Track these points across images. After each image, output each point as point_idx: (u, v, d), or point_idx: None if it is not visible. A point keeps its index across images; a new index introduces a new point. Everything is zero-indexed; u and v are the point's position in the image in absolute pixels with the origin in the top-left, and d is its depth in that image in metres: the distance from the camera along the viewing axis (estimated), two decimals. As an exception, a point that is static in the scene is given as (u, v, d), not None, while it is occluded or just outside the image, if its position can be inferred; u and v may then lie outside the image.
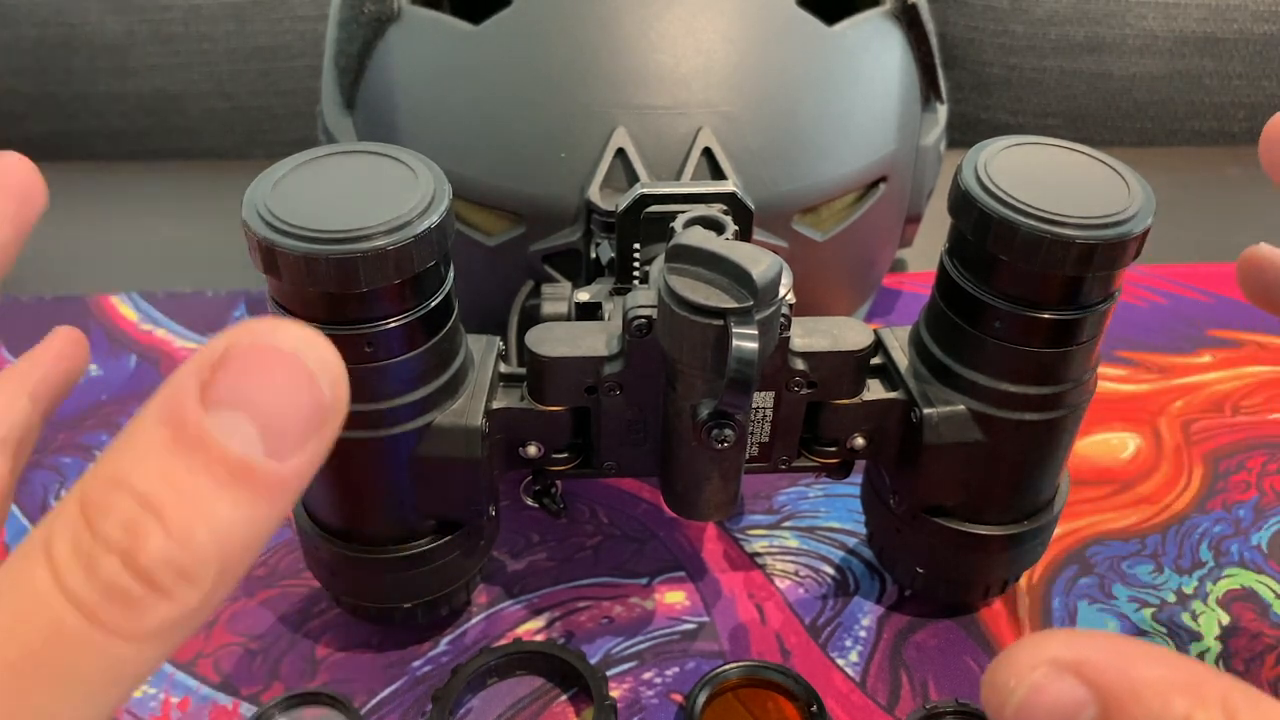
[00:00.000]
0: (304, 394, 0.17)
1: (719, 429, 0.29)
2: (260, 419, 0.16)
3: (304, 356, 0.17)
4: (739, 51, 0.40)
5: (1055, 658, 0.20)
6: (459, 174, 0.37)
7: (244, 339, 0.16)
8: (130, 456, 0.16)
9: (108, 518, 0.15)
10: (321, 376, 0.17)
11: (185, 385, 0.16)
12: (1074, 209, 0.29)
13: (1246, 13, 0.74)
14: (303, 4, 0.74)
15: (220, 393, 0.16)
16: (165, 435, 0.16)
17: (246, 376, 0.16)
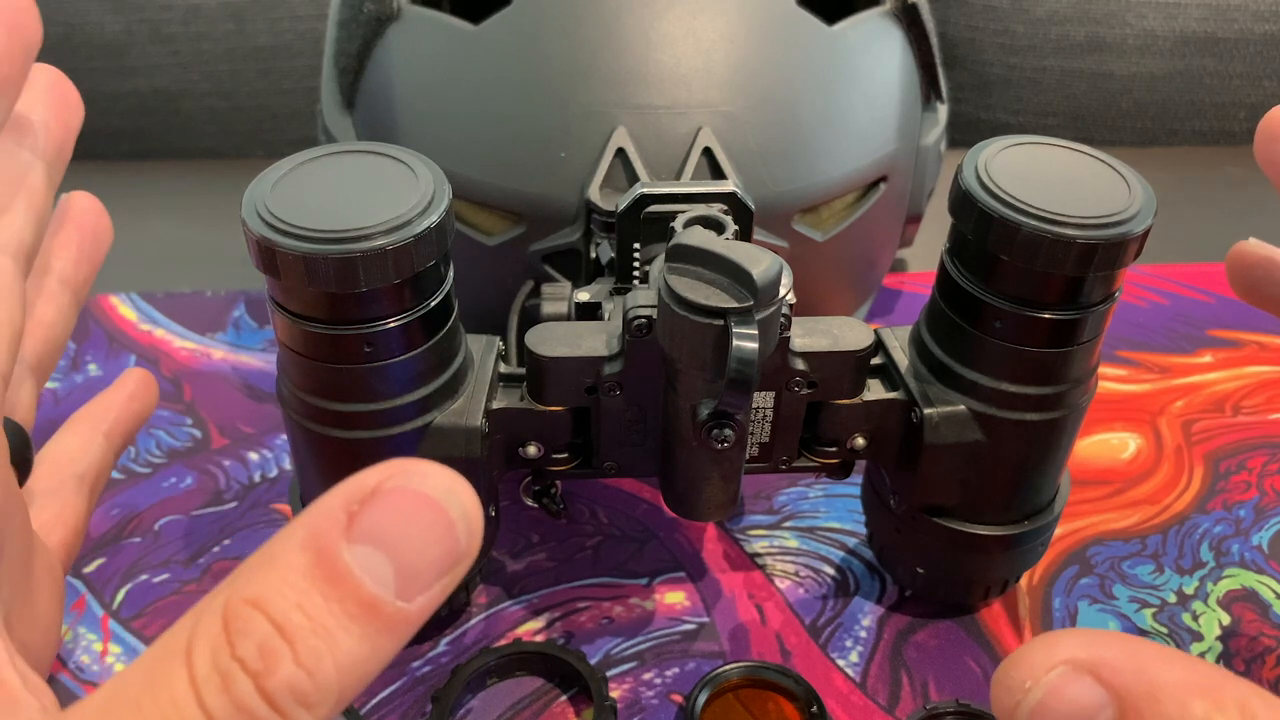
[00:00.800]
0: (442, 540, 0.17)
1: (719, 429, 0.29)
2: (397, 559, 0.17)
3: (448, 505, 0.17)
4: (739, 51, 0.40)
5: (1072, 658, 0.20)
6: (459, 174, 0.37)
7: (395, 479, 0.17)
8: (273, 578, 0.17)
9: (246, 639, 0.16)
10: (460, 525, 0.17)
11: (333, 514, 0.17)
12: (1074, 209, 0.29)
13: (1246, 13, 0.74)
14: (303, 4, 0.74)
15: (365, 528, 0.17)
16: (307, 561, 0.17)
17: (392, 516, 0.17)
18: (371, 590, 0.17)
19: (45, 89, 0.28)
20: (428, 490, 0.17)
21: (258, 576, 0.17)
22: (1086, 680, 0.20)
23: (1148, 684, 0.20)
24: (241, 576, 0.17)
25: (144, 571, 0.40)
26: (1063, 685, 0.20)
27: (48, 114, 0.28)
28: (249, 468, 0.45)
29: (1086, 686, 0.20)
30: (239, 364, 0.50)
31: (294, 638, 0.16)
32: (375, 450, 0.31)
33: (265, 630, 0.16)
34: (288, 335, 0.29)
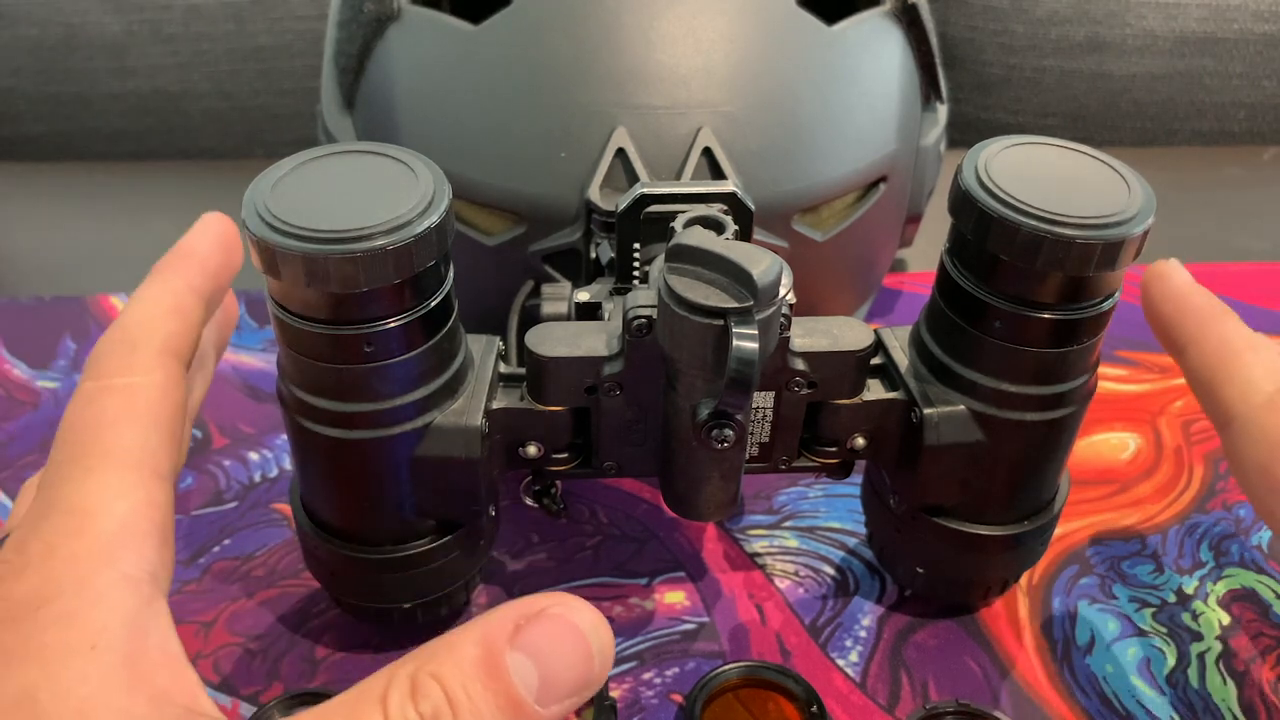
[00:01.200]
0: (580, 666, 0.22)
1: (719, 429, 0.29)
2: (544, 672, 0.21)
3: (591, 640, 0.22)
4: (739, 51, 0.40)
5: None
6: (459, 174, 0.37)
7: (557, 608, 0.22)
8: (450, 661, 0.21)
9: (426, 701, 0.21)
10: (597, 658, 0.22)
11: (505, 624, 0.22)
12: (1074, 209, 0.29)
13: (1246, 13, 0.74)
14: (303, 4, 0.74)
15: (526, 641, 0.21)
16: (478, 655, 0.21)
17: (548, 638, 0.22)
18: (519, 691, 0.21)
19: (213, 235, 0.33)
20: (579, 623, 0.22)
21: (441, 655, 0.21)
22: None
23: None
24: (429, 652, 0.22)
25: (144, 571, 0.40)
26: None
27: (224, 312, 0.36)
28: (249, 468, 0.45)
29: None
30: (239, 364, 0.50)
31: (457, 709, 0.21)
32: (375, 450, 0.31)
33: (440, 698, 0.21)
34: (288, 335, 0.29)
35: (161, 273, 0.31)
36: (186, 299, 0.31)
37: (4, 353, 0.51)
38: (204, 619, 0.38)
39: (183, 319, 0.30)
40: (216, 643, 0.37)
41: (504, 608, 0.22)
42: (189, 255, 0.32)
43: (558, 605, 0.22)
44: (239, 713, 0.35)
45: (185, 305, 0.30)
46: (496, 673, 0.21)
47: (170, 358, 0.29)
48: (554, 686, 0.21)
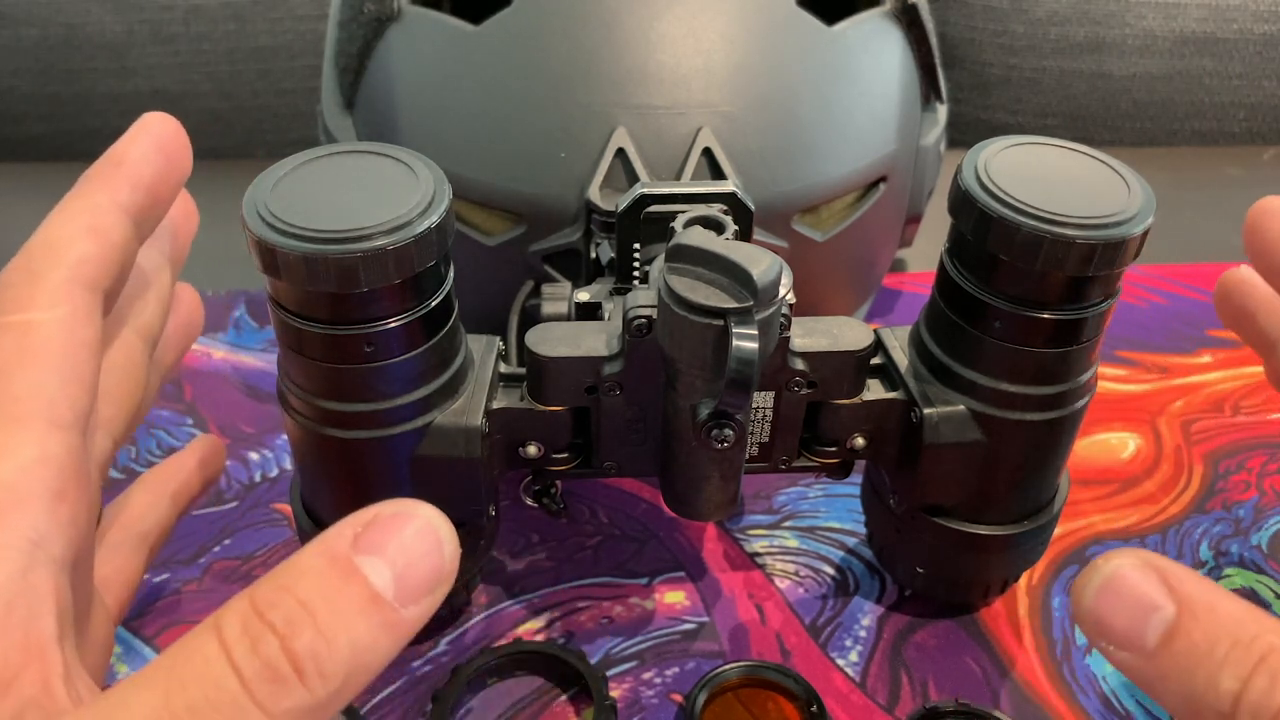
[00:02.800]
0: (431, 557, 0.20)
1: (719, 429, 0.29)
2: (396, 568, 0.20)
3: (437, 528, 0.21)
4: (739, 51, 0.40)
5: (1145, 559, 0.22)
6: (459, 174, 0.37)
7: (389, 508, 0.21)
8: (295, 573, 0.20)
9: (274, 610, 0.19)
10: (447, 546, 0.21)
11: (342, 532, 0.20)
12: (1074, 209, 0.29)
13: (1246, 13, 0.74)
14: (303, 4, 0.74)
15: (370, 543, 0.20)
16: (324, 563, 0.20)
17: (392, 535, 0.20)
18: (377, 585, 0.20)
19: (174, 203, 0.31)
20: (420, 515, 0.21)
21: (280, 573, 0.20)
22: (1154, 579, 0.21)
23: (1210, 601, 0.21)
24: (264, 578, 0.20)
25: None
26: (1131, 572, 0.22)
27: (175, 222, 0.32)
28: (249, 467, 0.45)
29: (1153, 583, 0.21)
30: (239, 364, 0.50)
31: (315, 614, 0.19)
32: (376, 450, 0.31)
33: (291, 605, 0.19)
34: (288, 335, 0.29)
35: (83, 186, 0.27)
36: (108, 217, 0.26)
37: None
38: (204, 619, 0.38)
39: (101, 241, 0.26)
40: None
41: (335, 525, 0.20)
42: (116, 165, 0.27)
43: (392, 504, 0.21)
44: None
45: (105, 225, 0.26)
46: (349, 573, 0.20)
47: (79, 288, 0.25)
48: (410, 583, 0.20)
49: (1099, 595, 0.22)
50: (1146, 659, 0.21)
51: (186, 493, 0.35)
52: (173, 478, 0.35)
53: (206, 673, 0.19)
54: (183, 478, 0.35)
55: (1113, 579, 0.22)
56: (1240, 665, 0.20)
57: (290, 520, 0.41)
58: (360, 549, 0.20)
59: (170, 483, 0.35)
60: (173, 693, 0.19)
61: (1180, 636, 0.21)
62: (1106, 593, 0.21)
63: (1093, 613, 0.22)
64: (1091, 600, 0.22)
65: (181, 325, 0.35)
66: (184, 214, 0.33)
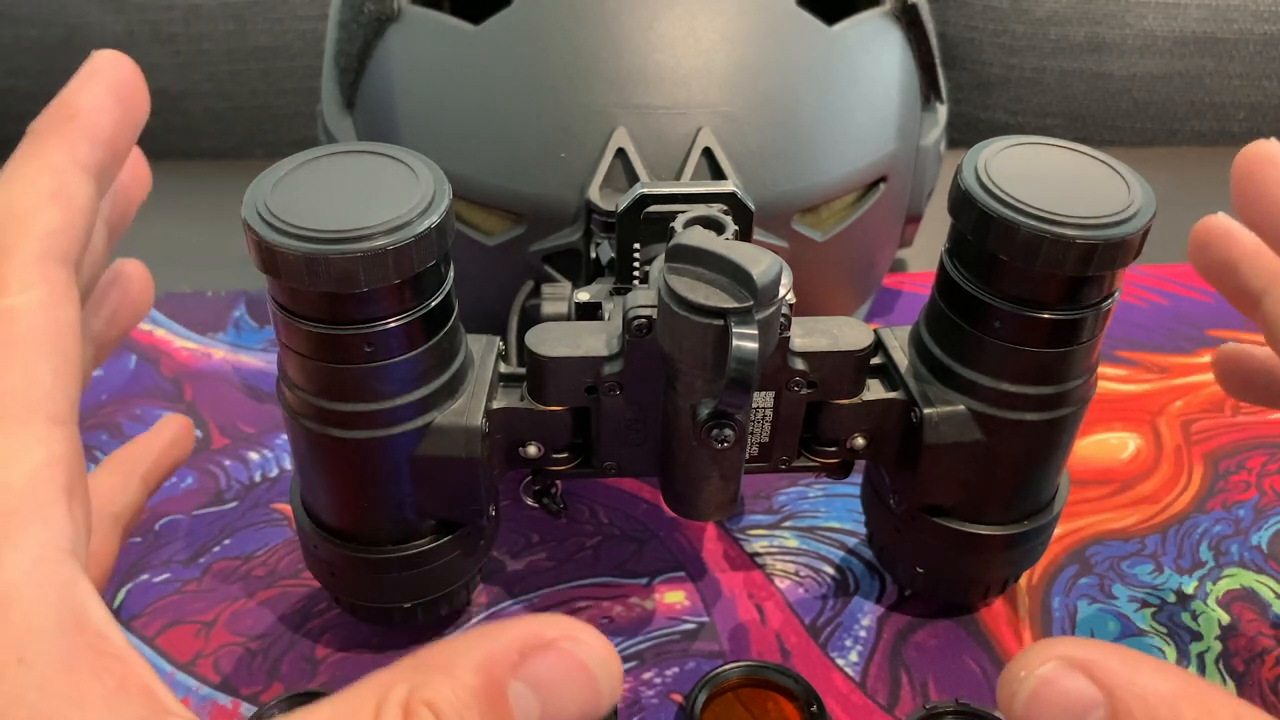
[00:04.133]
0: (586, 706, 0.20)
1: (719, 429, 0.29)
2: (546, 708, 0.20)
3: (600, 677, 0.20)
4: (739, 51, 0.40)
5: (1065, 655, 0.21)
6: (459, 174, 0.37)
7: (568, 643, 0.20)
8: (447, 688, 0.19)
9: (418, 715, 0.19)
10: (606, 694, 0.20)
11: (509, 651, 0.20)
12: (1074, 209, 0.29)
13: (1246, 13, 0.74)
14: (303, 4, 0.74)
15: (531, 672, 0.20)
16: (479, 683, 0.19)
17: (554, 672, 0.20)
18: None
19: None
20: (589, 660, 0.20)
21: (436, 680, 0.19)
22: (1079, 676, 0.20)
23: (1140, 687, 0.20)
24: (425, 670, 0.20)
25: (144, 571, 0.40)
26: (1056, 677, 0.21)
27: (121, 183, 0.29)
28: (249, 467, 0.45)
29: (1079, 681, 0.20)
30: (239, 364, 0.50)
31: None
32: (375, 450, 0.31)
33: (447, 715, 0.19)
34: (288, 335, 0.29)
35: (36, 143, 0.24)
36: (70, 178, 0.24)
37: (4, 353, 0.51)
38: (204, 619, 0.38)
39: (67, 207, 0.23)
40: (217, 643, 0.37)
41: (509, 629, 0.20)
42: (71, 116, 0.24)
43: (568, 639, 0.20)
44: (239, 713, 0.35)
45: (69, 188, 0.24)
46: (497, 704, 0.19)
47: (53, 263, 0.23)
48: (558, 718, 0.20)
49: (1029, 706, 0.21)
50: None
51: (156, 473, 0.35)
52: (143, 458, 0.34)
53: None
54: (152, 458, 0.34)
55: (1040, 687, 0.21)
56: None
57: (290, 520, 0.41)
58: (520, 675, 0.20)
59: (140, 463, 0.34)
60: None
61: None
62: (1036, 702, 0.21)
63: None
64: (1023, 711, 0.21)
65: (129, 303, 0.32)
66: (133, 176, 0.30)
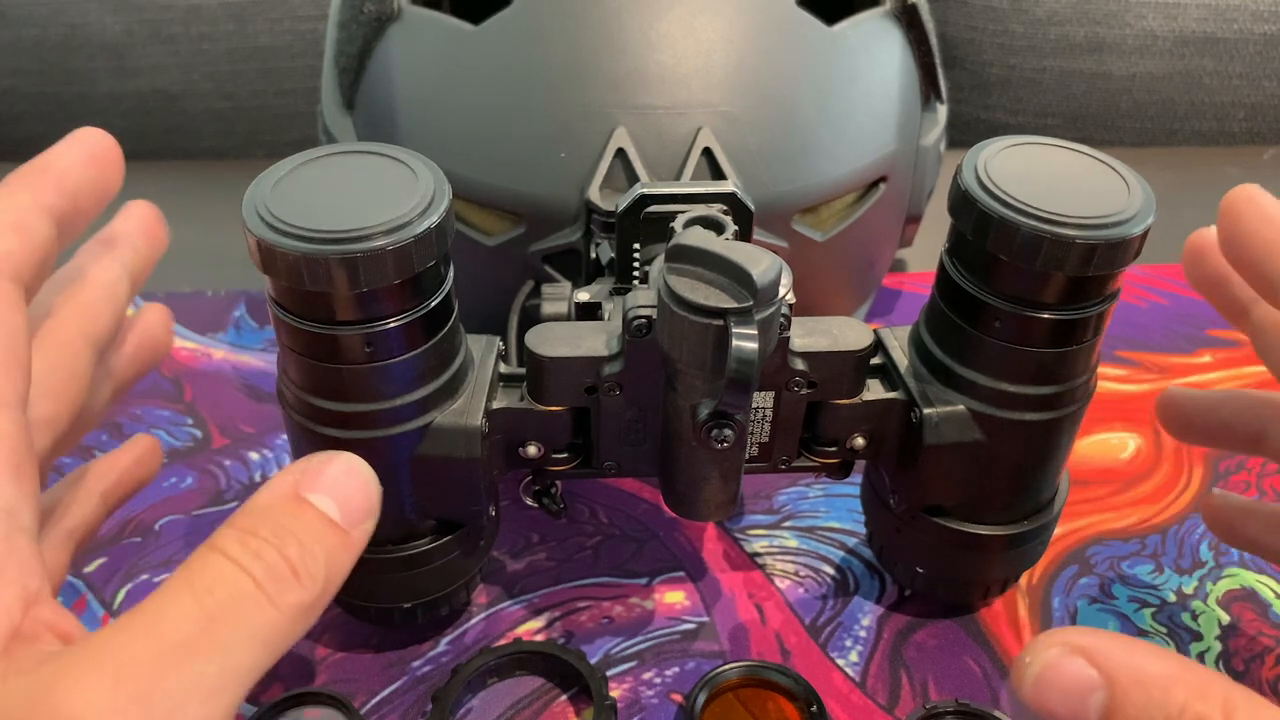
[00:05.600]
0: (364, 488, 0.25)
1: (719, 429, 0.29)
2: (336, 499, 0.24)
3: (358, 466, 0.25)
4: (739, 51, 0.40)
5: (1067, 641, 0.23)
6: (459, 174, 0.37)
7: (319, 457, 0.25)
8: (261, 508, 0.24)
9: (260, 530, 0.23)
10: (371, 481, 0.25)
11: (284, 479, 0.24)
12: (1074, 209, 0.29)
13: (1246, 13, 0.74)
14: (303, 4, 0.74)
15: (309, 484, 0.24)
16: (280, 499, 0.24)
17: (322, 475, 0.24)
18: (328, 512, 0.24)
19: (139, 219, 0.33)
20: (347, 459, 0.25)
21: (249, 509, 0.24)
22: (1081, 661, 0.23)
23: (1137, 671, 0.22)
24: (235, 515, 0.24)
25: (144, 571, 0.40)
26: (1058, 662, 0.23)
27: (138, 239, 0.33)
28: (249, 467, 0.45)
29: (1080, 666, 0.23)
30: (239, 364, 0.50)
31: (292, 530, 0.23)
32: (375, 450, 0.31)
33: (273, 526, 0.23)
34: (288, 335, 0.29)
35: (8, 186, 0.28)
36: (31, 216, 0.27)
37: (4, 353, 0.51)
38: None
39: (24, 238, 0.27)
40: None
41: (277, 474, 0.25)
42: (44, 170, 0.29)
43: (318, 456, 0.25)
44: (239, 713, 0.35)
45: (29, 222, 0.27)
46: (304, 504, 0.24)
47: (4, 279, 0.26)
48: (353, 509, 0.24)
49: (1036, 689, 0.23)
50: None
51: (116, 492, 0.35)
52: (105, 476, 0.34)
53: (223, 579, 0.22)
54: (114, 477, 0.35)
55: (1045, 670, 0.23)
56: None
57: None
58: (304, 488, 0.24)
59: (102, 480, 0.34)
60: (200, 597, 0.22)
61: (1117, 715, 0.22)
62: (1041, 685, 0.23)
63: (1033, 704, 0.23)
64: (1030, 693, 0.23)
65: (146, 345, 0.35)
66: (152, 232, 0.34)
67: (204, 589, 0.22)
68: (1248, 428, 0.36)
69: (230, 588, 0.22)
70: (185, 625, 0.21)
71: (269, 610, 0.22)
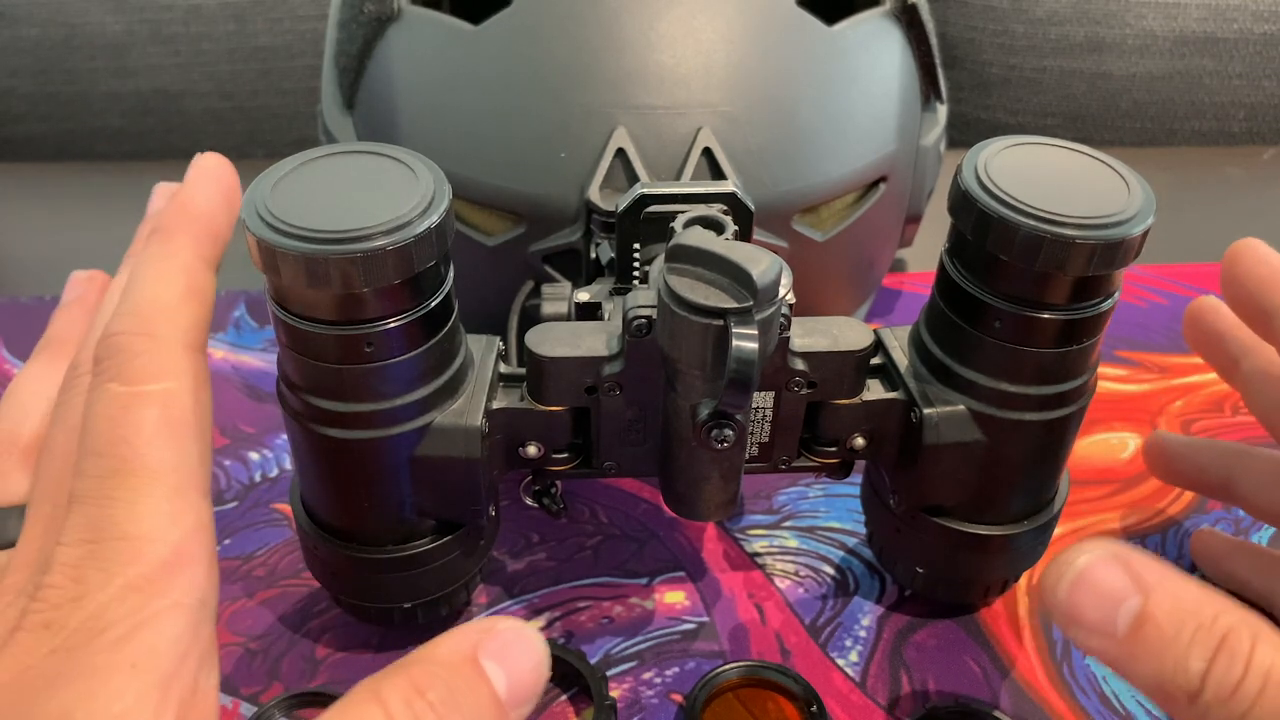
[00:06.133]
0: (536, 671, 0.24)
1: (719, 429, 0.29)
2: (509, 676, 0.24)
3: (539, 646, 0.25)
4: (739, 51, 0.40)
5: (1109, 549, 0.23)
6: (459, 174, 0.37)
7: (505, 623, 0.25)
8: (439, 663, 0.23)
9: (431, 691, 0.23)
10: (544, 664, 0.25)
11: (468, 636, 0.24)
12: (1074, 209, 0.29)
13: (1246, 13, 0.74)
14: (303, 4, 0.74)
15: (490, 650, 0.24)
16: (460, 660, 0.24)
17: (508, 647, 0.24)
18: (498, 689, 0.24)
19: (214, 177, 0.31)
20: (528, 635, 0.25)
21: (428, 659, 0.24)
22: (1118, 568, 0.23)
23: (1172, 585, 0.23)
24: (413, 659, 0.24)
25: (144, 571, 0.40)
26: (1099, 566, 0.23)
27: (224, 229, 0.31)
28: (249, 467, 0.45)
29: (1117, 573, 0.23)
30: (239, 364, 0.50)
31: (462, 702, 0.23)
32: (375, 450, 0.31)
33: (447, 688, 0.23)
34: (288, 335, 0.29)
35: (168, 242, 0.27)
36: (200, 276, 0.27)
37: (4, 352, 0.51)
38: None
39: (200, 303, 0.27)
40: (217, 642, 0.37)
41: (456, 630, 0.24)
42: (195, 218, 0.28)
43: (504, 622, 0.25)
44: (239, 713, 0.35)
45: (200, 285, 0.27)
46: (479, 673, 0.23)
47: (195, 353, 0.27)
48: (519, 689, 0.24)
49: (1071, 590, 0.23)
50: (1118, 645, 0.23)
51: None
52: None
53: None
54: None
55: (1083, 574, 0.23)
56: (1204, 646, 0.22)
57: (290, 520, 0.41)
58: (484, 654, 0.24)
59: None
60: None
61: (1148, 624, 0.22)
62: (1078, 588, 0.23)
63: (1065, 606, 0.23)
64: (1064, 595, 0.23)
65: None
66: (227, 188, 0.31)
67: None
68: (1218, 475, 0.39)
69: None
70: None
71: None
